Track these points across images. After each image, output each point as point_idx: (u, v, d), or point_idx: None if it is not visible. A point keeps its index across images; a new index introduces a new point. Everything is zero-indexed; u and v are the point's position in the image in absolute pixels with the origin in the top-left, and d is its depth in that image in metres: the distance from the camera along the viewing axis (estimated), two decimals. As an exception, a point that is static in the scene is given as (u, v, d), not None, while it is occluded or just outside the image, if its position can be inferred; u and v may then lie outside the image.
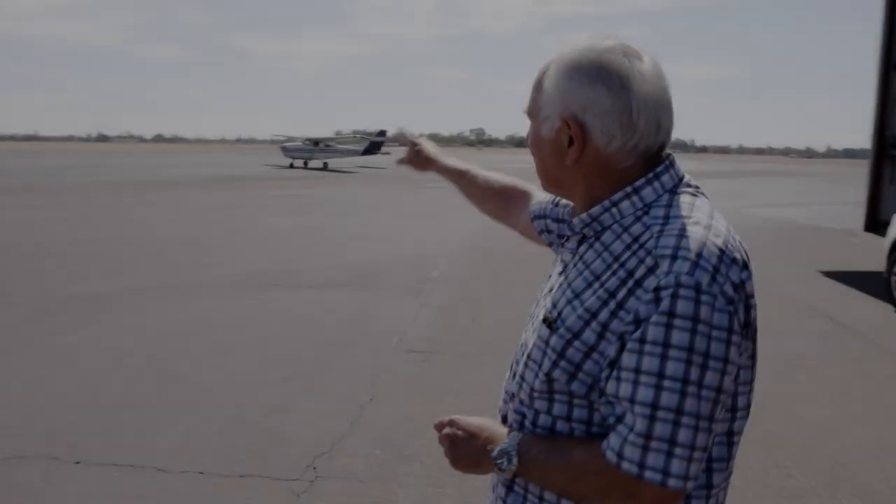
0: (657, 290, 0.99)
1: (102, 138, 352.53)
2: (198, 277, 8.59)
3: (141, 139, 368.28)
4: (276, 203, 19.09)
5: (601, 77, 1.08)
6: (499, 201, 1.67)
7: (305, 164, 43.37)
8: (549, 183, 1.24)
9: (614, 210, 1.14)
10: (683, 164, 1.19)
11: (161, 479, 3.47)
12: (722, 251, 1.01)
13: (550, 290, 1.21)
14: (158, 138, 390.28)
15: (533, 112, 1.19)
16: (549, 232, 1.45)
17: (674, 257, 1.00)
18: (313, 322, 6.60)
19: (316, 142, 44.43)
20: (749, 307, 1.04)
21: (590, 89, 1.09)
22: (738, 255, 1.04)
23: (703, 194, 1.16)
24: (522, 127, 1.27)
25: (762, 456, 3.81)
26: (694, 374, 0.97)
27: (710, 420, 0.99)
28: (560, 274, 1.22)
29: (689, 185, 1.15)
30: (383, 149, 50.25)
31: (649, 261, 1.02)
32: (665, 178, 1.13)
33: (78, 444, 3.86)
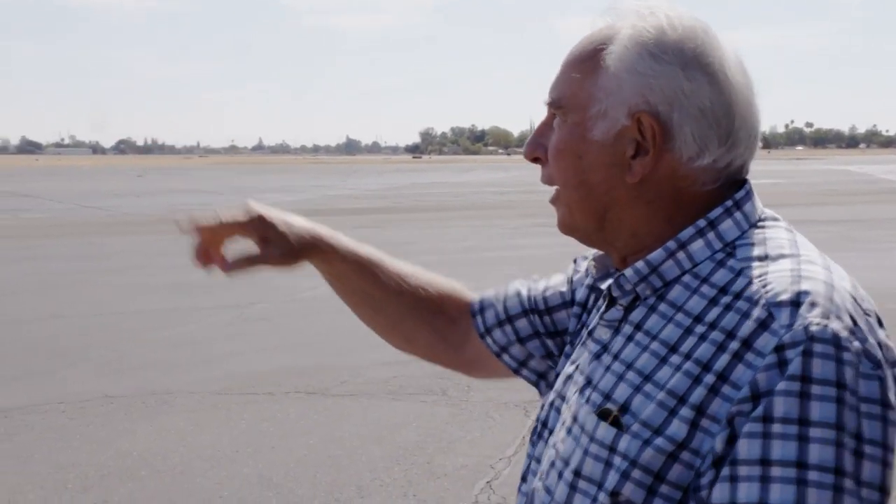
0: (779, 349, 0.69)
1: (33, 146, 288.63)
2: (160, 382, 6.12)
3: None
4: None
5: (699, 62, 0.79)
6: (437, 317, 1.12)
7: None
8: (585, 213, 0.86)
9: (681, 255, 0.82)
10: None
11: None
12: (854, 298, 0.74)
13: (585, 383, 0.85)
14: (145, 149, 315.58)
15: (573, 104, 0.83)
16: (545, 355, 1.06)
17: (795, 303, 0.71)
18: (355, 453, 4.19)
19: None
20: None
21: (683, 77, 0.78)
22: (871, 307, 0.77)
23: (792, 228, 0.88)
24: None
25: None
26: (849, 462, 0.66)
27: None
28: (596, 357, 0.85)
29: (775, 218, 0.86)
30: None
31: (758, 312, 0.72)
32: (748, 206, 0.84)
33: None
